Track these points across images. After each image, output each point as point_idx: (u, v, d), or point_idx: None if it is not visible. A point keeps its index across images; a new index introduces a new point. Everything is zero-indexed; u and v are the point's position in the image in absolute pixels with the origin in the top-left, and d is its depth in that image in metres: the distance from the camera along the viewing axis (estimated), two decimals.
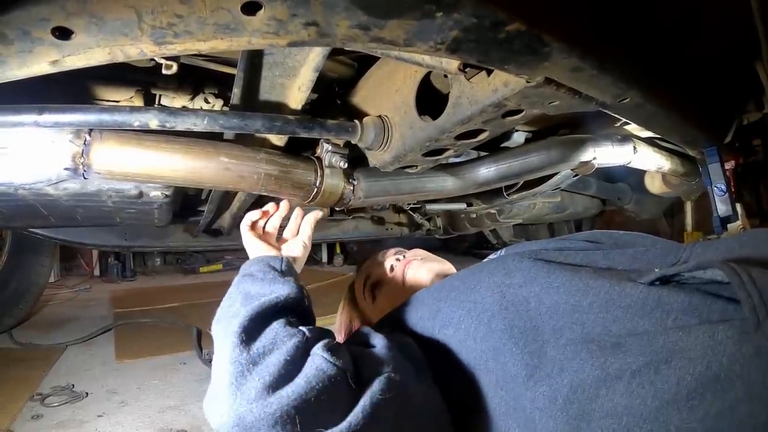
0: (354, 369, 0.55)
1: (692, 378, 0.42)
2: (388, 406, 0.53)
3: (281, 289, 0.63)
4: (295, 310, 0.62)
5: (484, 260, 0.77)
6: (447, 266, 0.95)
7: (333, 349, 0.55)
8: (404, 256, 0.98)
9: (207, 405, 0.54)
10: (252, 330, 0.55)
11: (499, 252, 0.81)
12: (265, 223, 0.89)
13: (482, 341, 0.60)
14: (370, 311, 0.96)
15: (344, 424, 0.50)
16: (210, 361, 1.99)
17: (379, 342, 0.62)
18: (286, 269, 0.72)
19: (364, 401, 0.52)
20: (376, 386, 0.53)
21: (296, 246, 0.85)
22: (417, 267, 0.93)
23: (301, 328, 0.57)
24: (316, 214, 0.95)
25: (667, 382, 0.43)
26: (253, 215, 0.90)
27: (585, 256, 0.66)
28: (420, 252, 1.00)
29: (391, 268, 0.96)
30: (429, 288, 0.75)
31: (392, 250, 1.02)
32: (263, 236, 0.87)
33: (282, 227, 0.91)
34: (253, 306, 0.58)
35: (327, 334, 0.61)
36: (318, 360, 0.53)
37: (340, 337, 0.97)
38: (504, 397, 0.56)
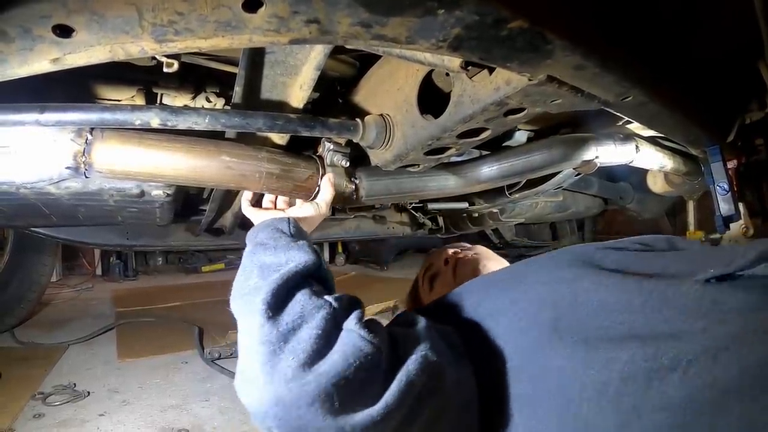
0: (391, 347, 0.55)
1: (755, 365, 0.40)
2: (421, 384, 0.53)
3: (297, 257, 0.61)
4: (314, 277, 0.61)
5: (534, 257, 0.77)
6: (502, 265, 0.94)
7: (368, 325, 0.54)
8: (461, 250, 1.00)
9: (241, 388, 0.52)
10: (276, 305, 0.54)
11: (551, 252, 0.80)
12: (275, 198, 0.90)
13: (522, 334, 0.59)
14: (426, 299, 0.97)
15: (381, 404, 0.49)
16: (211, 360, 2.01)
17: (419, 323, 0.61)
18: (296, 231, 0.70)
19: (400, 379, 0.51)
20: (412, 365, 0.53)
21: (306, 207, 0.85)
22: (470, 263, 0.94)
23: (326, 298, 0.56)
24: (329, 176, 0.96)
25: (728, 370, 0.41)
26: (247, 194, 0.91)
27: (638, 255, 0.65)
28: (479, 248, 1.02)
29: (446, 261, 0.98)
30: (477, 278, 0.75)
31: (456, 244, 1.05)
32: (273, 210, 0.87)
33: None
34: (274, 279, 0.56)
35: (355, 304, 0.59)
36: (354, 337, 0.52)
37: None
38: (537, 392, 0.55)
